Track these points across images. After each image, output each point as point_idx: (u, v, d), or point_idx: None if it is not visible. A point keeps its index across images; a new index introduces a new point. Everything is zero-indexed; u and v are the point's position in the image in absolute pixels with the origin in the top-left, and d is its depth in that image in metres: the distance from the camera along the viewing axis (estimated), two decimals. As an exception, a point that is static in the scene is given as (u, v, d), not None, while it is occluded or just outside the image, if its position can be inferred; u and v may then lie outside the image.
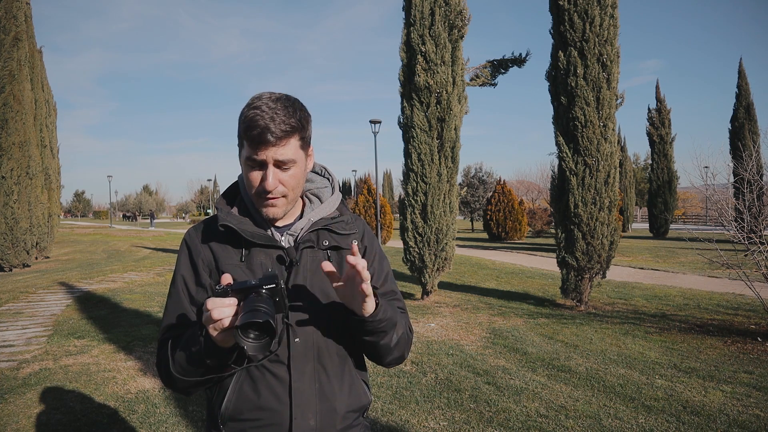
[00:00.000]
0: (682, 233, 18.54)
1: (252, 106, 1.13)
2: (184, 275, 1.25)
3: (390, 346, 1.22)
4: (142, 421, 3.62)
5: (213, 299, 1.00)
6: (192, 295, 1.24)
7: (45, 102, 17.20)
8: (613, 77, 7.10)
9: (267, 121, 1.10)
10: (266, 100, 1.13)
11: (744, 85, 21.59)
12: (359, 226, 1.35)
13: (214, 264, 1.23)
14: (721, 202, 6.55)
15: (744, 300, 7.81)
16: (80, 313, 7.34)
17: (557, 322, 6.74)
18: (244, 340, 0.95)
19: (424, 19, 7.91)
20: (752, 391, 4.10)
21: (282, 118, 1.11)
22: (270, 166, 1.15)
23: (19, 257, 13.12)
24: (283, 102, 1.14)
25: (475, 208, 34.42)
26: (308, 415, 1.18)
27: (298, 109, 1.16)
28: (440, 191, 7.96)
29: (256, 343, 0.96)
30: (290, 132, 1.13)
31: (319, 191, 1.35)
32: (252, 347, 0.96)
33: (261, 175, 1.16)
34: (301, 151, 1.19)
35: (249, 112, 1.12)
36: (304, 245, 1.23)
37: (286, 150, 1.14)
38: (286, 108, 1.13)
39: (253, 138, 1.12)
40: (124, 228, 43.99)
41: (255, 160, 1.14)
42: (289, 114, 1.13)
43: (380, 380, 4.42)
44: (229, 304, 1.00)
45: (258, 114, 1.11)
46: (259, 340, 0.96)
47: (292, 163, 1.17)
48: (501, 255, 16.95)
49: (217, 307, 0.99)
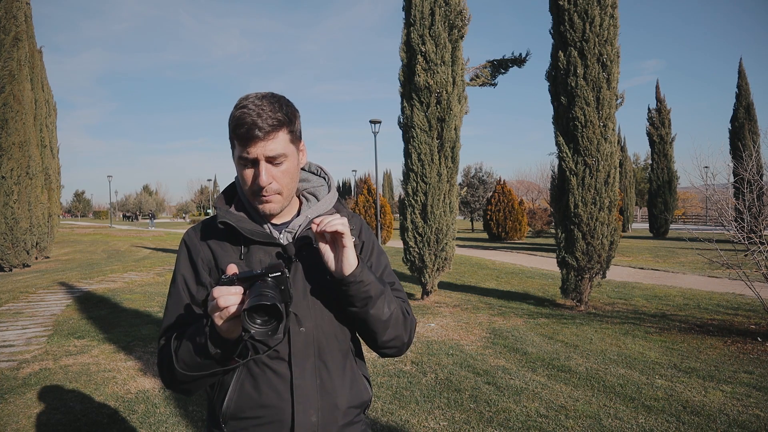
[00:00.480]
0: (682, 233, 18.54)
1: (239, 106, 1.16)
2: (184, 274, 1.26)
3: (382, 319, 1.20)
4: (142, 421, 3.62)
5: (219, 287, 1.01)
6: (192, 294, 1.24)
7: (45, 102, 17.20)
8: (613, 77, 7.10)
9: (254, 117, 1.12)
10: (252, 99, 1.16)
11: (744, 85, 21.58)
12: (356, 222, 1.36)
13: (214, 262, 1.24)
14: (721, 202, 6.55)
15: (744, 300, 7.81)
16: (80, 313, 7.34)
17: (557, 322, 6.74)
18: (251, 325, 0.96)
19: (424, 19, 7.91)
20: (752, 391, 4.10)
21: (268, 113, 1.14)
22: (262, 163, 1.16)
23: (19, 257, 13.12)
24: (269, 99, 1.17)
25: (475, 208, 34.42)
26: (310, 412, 1.18)
27: (284, 104, 1.19)
28: (440, 191, 7.96)
29: (263, 328, 0.96)
30: (277, 126, 1.15)
31: (315, 190, 1.36)
32: (259, 332, 0.96)
33: (254, 173, 1.18)
34: (291, 145, 1.20)
35: (236, 112, 1.15)
36: (302, 242, 1.24)
37: (275, 144, 1.16)
38: (272, 104, 1.16)
39: (242, 135, 1.14)
40: (124, 228, 44.00)
41: (246, 158, 1.16)
42: (275, 109, 1.15)
43: (380, 380, 4.42)
44: (235, 292, 1.01)
45: (245, 112, 1.13)
46: (267, 325, 0.97)
47: (283, 157, 1.18)
48: (501, 255, 16.95)
49: (224, 295, 1.00)
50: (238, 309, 1.00)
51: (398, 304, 1.27)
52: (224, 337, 1.05)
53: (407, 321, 1.30)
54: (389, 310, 1.22)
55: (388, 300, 1.22)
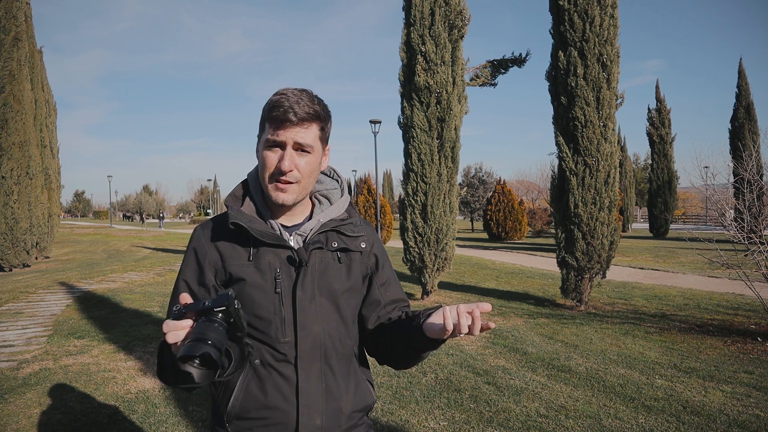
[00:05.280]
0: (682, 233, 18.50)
1: (278, 93, 1.19)
2: (188, 274, 1.26)
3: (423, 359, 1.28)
4: (142, 421, 3.62)
5: (168, 322, 1.00)
6: (195, 293, 1.24)
7: (45, 102, 17.18)
8: (613, 77, 7.10)
9: (292, 102, 1.16)
10: (292, 90, 1.19)
11: (744, 85, 21.60)
12: (368, 231, 1.36)
13: (221, 264, 1.23)
14: (721, 202, 6.55)
15: (744, 300, 7.81)
16: (80, 313, 7.34)
17: (557, 322, 6.74)
18: (190, 368, 0.94)
19: (424, 19, 7.91)
20: (752, 391, 4.10)
21: (306, 103, 1.17)
22: (289, 147, 1.18)
23: (19, 257, 13.12)
24: (308, 93, 1.21)
25: (475, 208, 34.43)
26: (314, 415, 1.18)
27: (321, 102, 1.23)
28: (440, 191, 7.96)
29: (200, 371, 0.94)
30: (313, 116, 1.18)
31: (328, 193, 1.36)
32: (197, 375, 0.94)
33: (279, 156, 1.19)
34: (319, 142, 1.23)
35: (274, 97, 1.18)
36: (313, 246, 1.24)
37: (307, 133, 1.18)
38: (310, 97, 1.19)
39: (277, 117, 1.16)
40: (124, 228, 43.98)
41: (275, 140, 1.18)
42: (314, 101, 1.19)
43: (380, 380, 4.42)
44: (183, 326, 0.99)
45: (283, 97, 1.17)
46: (203, 368, 0.95)
47: (310, 148, 1.20)
48: (501, 255, 16.95)
49: (171, 331, 0.98)
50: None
51: None
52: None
53: None
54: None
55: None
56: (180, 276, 1.27)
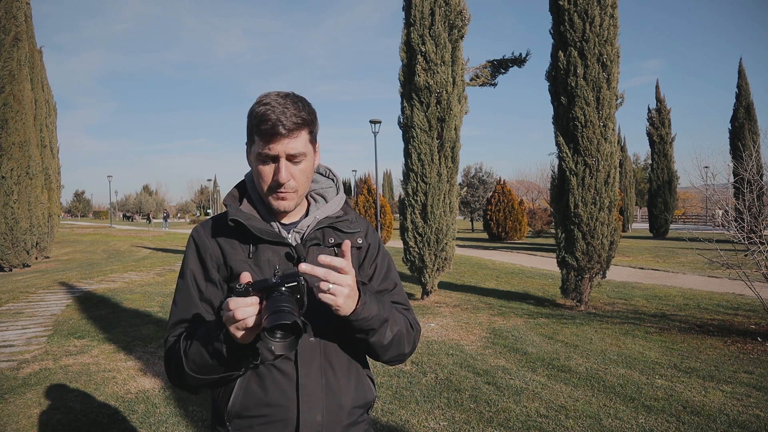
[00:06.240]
0: (682, 233, 18.53)
1: (262, 103, 1.16)
2: (193, 270, 1.26)
3: (383, 344, 1.22)
4: (142, 421, 3.62)
5: (235, 299, 1.01)
6: (201, 290, 1.25)
7: (45, 102, 17.19)
8: (613, 77, 7.10)
9: (278, 114, 1.13)
10: (275, 97, 1.17)
11: (744, 85, 21.58)
12: (363, 225, 1.37)
13: (222, 259, 1.24)
14: (721, 202, 6.54)
15: (744, 300, 7.81)
16: (80, 313, 7.34)
17: (557, 322, 6.74)
18: (272, 341, 0.96)
19: (424, 19, 7.91)
20: (752, 391, 4.10)
21: (293, 111, 1.15)
22: (282, 160, 1.17)
23: (19, 257, 13.12)
24: (292, 98, 1.18)
25: (475, 208, 34.43)
26: (315, 411, 1.19)
27: (306, 105, 1.21)
28: (440, 191, 7.96)
29: (282, 342, 0.97)
30: (301, 125, 1.17)
31: (324, 191, 1.38)
32: (279, 347, 0.97)
33: (273, 169, 1.19)
34: (310, 145, 1.23)
35: (259, 108, 1.16)
36: (311, 243, 1.26)
37: (297, 143, 1.17)
38: (295, 103, 1.17)
39: (266, 132, 1.15)
40: (124, 228, 43.99)
41: (267, 154, 1.17)
42: (299, 108, 1.17)
43: (380, 380, 4.42)
44: (251, 303, 1.01)
45: (269, 108, 1.14)
46: (286, 339, 0.97)
47: (303, 156, 1.20)
48: (501, 255, 16.95)
49: (240, 307, 1.00)
50: (256, 320, 1.01)
51: (403, 322, 1.27)
52: (240, 344, 1.05)
53: (411, 335, 1.31)
54: (391, 333, 1.22)
55: (392, 324, 1.22)
56: (185, 272, 1.27)
